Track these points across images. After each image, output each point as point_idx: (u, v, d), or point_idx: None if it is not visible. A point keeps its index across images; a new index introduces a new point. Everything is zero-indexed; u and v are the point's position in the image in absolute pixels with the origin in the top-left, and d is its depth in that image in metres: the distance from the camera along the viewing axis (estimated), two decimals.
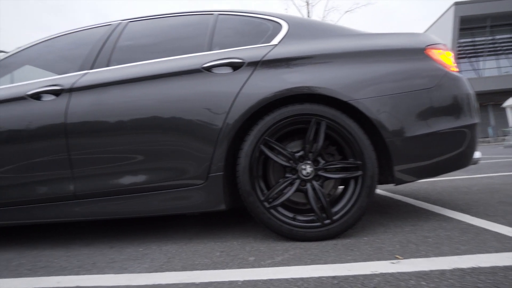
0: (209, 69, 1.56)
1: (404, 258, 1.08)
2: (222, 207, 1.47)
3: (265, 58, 1.54)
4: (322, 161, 1.46)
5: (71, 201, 1.57)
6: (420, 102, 1.47)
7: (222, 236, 1.60)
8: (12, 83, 1.96)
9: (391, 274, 0.96)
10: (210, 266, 1.17)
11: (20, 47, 2.13)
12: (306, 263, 1.12)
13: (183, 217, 2.24)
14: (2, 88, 1.81)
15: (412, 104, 1.47)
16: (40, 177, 1.61)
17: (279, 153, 1.46)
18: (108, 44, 1.82)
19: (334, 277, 0.97)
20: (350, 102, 1.44)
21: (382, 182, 1.61)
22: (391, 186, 2.97)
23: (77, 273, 1.22)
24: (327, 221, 1.38)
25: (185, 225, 1.96)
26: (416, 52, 1.54)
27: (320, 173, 1.44)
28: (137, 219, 2.27)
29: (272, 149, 1.46)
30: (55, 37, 2.09)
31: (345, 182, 1.53)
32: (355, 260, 1.11)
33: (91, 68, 1.72)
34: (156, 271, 1.17)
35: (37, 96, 1.67)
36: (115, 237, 1.78)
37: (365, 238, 1.37)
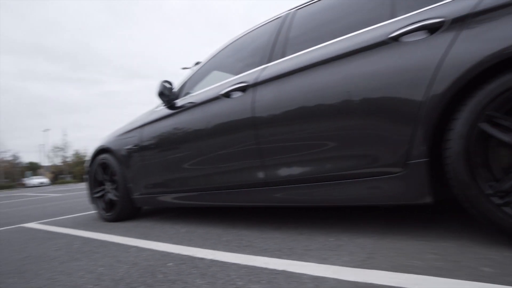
0: (397, 38, 1.33)
1: None
2: (427, 199, 1.23)
3: (477, 9, 1.17)
4: None
5: (262, 187, 1.69)
6: None
7: (423, 234, 1.35)
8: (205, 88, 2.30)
9: None
10: (428, 271, 0.98)
11: (204, 59, 2.48)
12: None
13: (357, 207, 2.09)
14: (201, 92, 2.15)
15: None
16: (234, 166, 1.81)
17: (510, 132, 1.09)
18: (281, 36, 1.85)
19: None
20: None
21: None
22: None
23: (279, 257, 1.28)
24: None
25: (366, 216, 1.81)
26: None
27: None
28: (319, 206, 2.28)
29: (497, 126, 1.10)
30: (232, 42, 2.32)
31: None
32: None
33: (269, 62, 1.80)
34: (360, 266, 1.07)
35: (228, 95, 1.88)
36: (300, 224, 1.82)
37: None
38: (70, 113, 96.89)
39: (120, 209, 2.62)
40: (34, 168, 51.03)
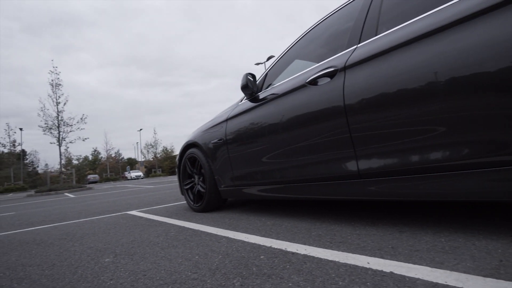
0: None
1: None
2: None
3: None
4: None
5: (355, 180, 1.56)
6: None
7: None
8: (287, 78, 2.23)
9: None
10: None
11: (285, 48, 2.41)
12: None
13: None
14: (284, 82, 2.09)
15: None
16: (322, 157, 1.70)
17: None
18: (371, 12, 1.66)
19: None
20: None
21: None
22: None
23: (381, 256, 1.14)
24: None
25: (483, 213, 1.52)
26: None
27: None
28: (420, 201, 2.03)
29: None
30: (313, 27, 2.19)
31: None
32: None
33: (359, 42, 1.63)
34: (492, 276, 0.88)
35: (314, 82, 1.78)
36: (399, 220, 1.63)
37: None
38: (158, 114, 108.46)
39: (208, 200, 2.75)
40: (132, 163, 58.57)
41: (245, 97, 2.44)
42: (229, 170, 2.48)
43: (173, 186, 8.74)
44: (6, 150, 30.94)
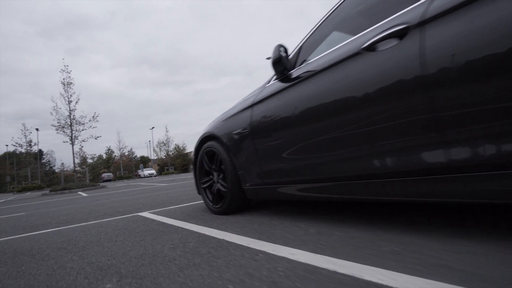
0: None
1: None
2: None
3: None
4: None
5: (442, 175, 1.12)
6: None
7: None
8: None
9: None
10: None
11: (320, 19, 1.96)
12: None
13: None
14: (326, 54, 1.66)
15: None
16: (391, 146, 1.27)
17: None
18: None
19: None
20: None
21: None
22: None
23: None
24: None
25: None
26: None
27: None
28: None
29: None
30: None
31: None
32: None
33: None
34: None
35: (372, 47, 1.35)
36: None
37: None
38: (170, 112, 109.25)
39: (229, 201, 2.35)
40: (144, 161, 59.01)
41: (274, 77, 2.01)
42: (257, 165, 2.07)
43: (187, 184, 8.42)
44: (23, 150, 31.46)
